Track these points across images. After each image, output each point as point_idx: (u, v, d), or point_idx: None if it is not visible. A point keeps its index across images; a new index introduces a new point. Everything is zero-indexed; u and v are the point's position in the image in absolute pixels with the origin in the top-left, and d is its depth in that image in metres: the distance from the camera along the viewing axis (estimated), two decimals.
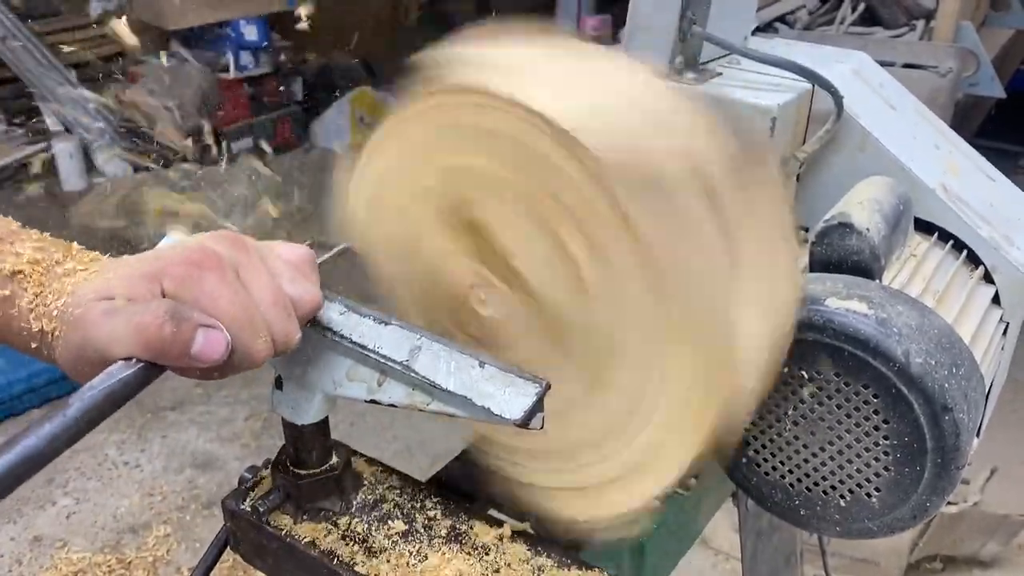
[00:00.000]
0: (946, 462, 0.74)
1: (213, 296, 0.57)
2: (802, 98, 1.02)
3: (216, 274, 0.58)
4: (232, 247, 0.61)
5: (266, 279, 0.61)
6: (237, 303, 0.58)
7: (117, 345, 0.55)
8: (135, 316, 0.55)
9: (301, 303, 0.63)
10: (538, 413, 0.61)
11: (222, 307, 0.57)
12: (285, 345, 0.61)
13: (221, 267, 0.58)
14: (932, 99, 2.49)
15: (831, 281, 0.80)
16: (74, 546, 2.67)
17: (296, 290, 0.63)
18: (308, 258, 0.67)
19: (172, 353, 0.55)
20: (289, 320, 0.61)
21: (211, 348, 0.56)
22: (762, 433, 0.83)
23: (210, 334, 0.56)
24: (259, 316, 0.59)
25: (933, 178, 1.02)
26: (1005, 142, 5.00)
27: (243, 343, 0.58)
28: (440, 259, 0.74)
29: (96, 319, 0.56)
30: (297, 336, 0.62)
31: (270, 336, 0.60)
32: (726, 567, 2.63)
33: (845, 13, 3.09)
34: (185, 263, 0.58)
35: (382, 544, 0.75)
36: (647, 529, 0.94)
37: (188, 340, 0.55)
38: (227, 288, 0.58)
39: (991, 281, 1.00)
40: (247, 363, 0.59)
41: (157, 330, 0.54)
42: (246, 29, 5.28)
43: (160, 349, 0.55)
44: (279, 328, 0.60)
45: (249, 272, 0.60)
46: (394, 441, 3.12)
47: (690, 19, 0.99)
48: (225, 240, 0.62)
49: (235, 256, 0.60)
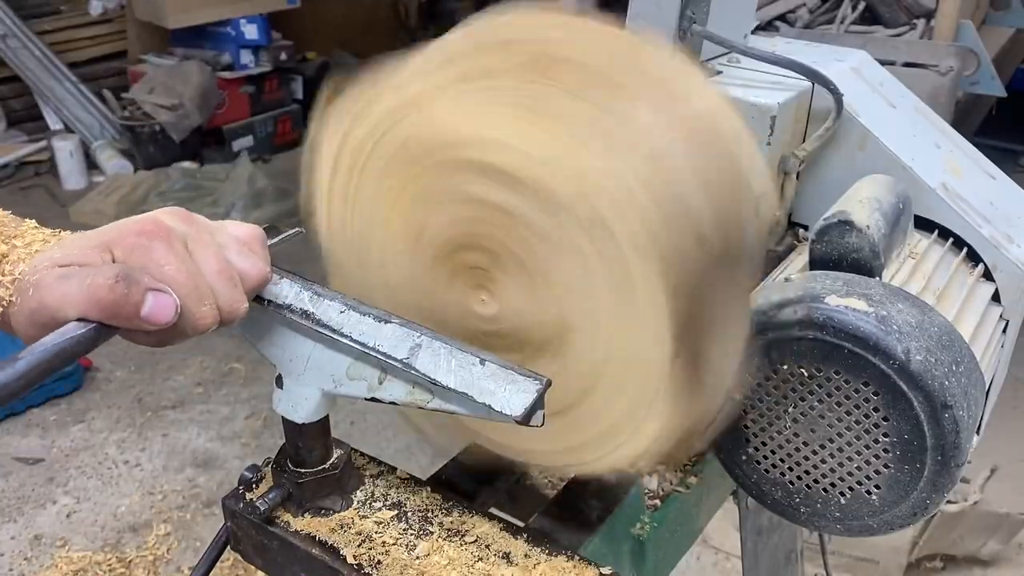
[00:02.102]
0: (946, 459, 0.74)
1: (160, 263, 0.60)
2: (802, 96, 1.02)
3: (164, 243, 0.61)
4: (182, 221, 0.65)
5: (213, 250, 0.64)
6: (183, 271, 0.61)
7: (70, 307, 0.58)
8: (88, 278, 0.58)
9: (248, 276, 0.66)
10: (538, 410, 0.62)
11: (169, 273, 0.60)
12: (231, 314, 0.64)
13: (169, 237, 0.62)
14: (932, 98, 2.49)
15: (831, 279, 0.80)
16: (74, 545, 2.67)
17: (243, 263, 0.66)
18: (257, 235, 0.70)
19: (123, 313, 0.58)
20: (235, 290, 0.64)
21: (160, 310, 0.59)
22: (762, 431, 0.83)
23: (159, 297, 0.59)
24: (205, 284, 0.62)
25: (933, 176, 1.02)
26: (1005, 141, 5.00)
27: (189, 309, 0.61)
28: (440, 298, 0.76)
29: (51, 283, 0.58)
30: (243, 306, 0.65)
31: (215, 304, 0.63)
32: (727, 565, 2.63)
33: (845, 12, 3.08)
34: (135, 233, 0.61)
35: (382, 542, 0.75)
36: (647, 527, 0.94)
37: (139, 302, 0.58)
38: (174, 256, 0.61)
39: (991, 279, 1.00)
40: (192, 328, 0.62)
41: (109, 291, 0.57)
42: (246, 28, 5.27)
43: (112, 310, 0.57)
44: (225, 297, 0.63)
45: (197, 244, 0.64)
46: (394, 439, 3.12)
47: (690, 17, 0.99)
48: (176, 214, 0.65)
49: (184, 228, 0.64)
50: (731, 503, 1.21)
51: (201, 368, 3.53)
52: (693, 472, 1.00)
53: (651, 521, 0.94)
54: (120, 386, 3.41)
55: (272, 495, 0.77)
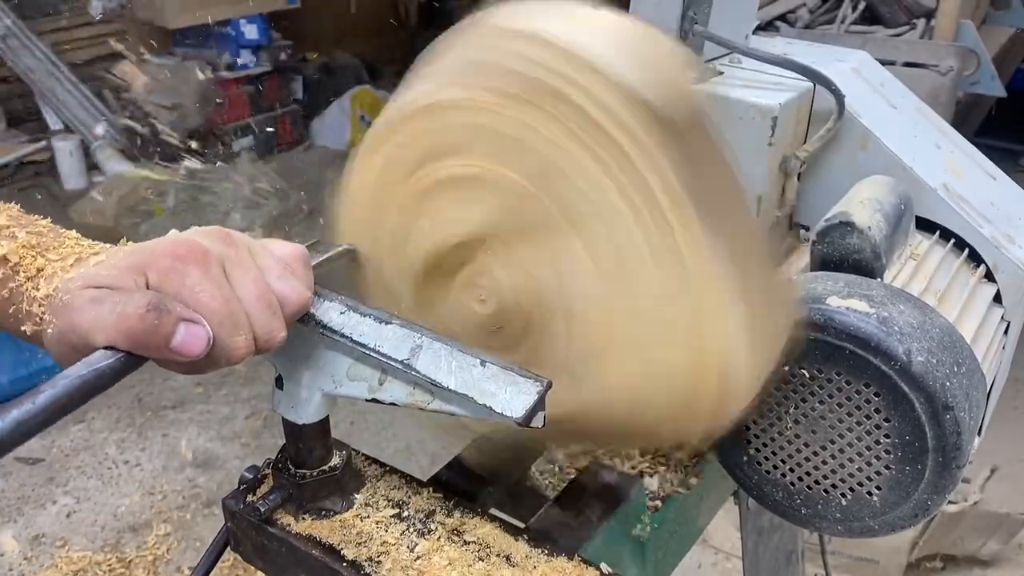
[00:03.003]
0: (947, 461, 0.74)
1: (195, 290, 0.57)
2: (803, 97, 1.02)
3: (200, 268, 0.58)
4: (220, 241, 0.61)
5: (253, 275, 0.61)
6: (219, 298, 0.58)
7: (100, 333, 0.55)
8: (118, 306, 0.55)
9: (288, 301, 0.62)
10: (539, 412, 0.61)
11: (203, 301, 0.57)
12: (268, 343, 0.61)
13: (206, 261, 0.58)
14: (933, 98, 2.49)
15: (832, 280, 0.80)
16: (75, 545, 2.67)
17: (284, 287, 0.62)
18: (300, 256, 0.66)
19: (152, 345, 0.55)
20: (274, 317, 0.61)
21: (192, 342, 0.56)
22: (763, 432, 0.83)
23: (191, 328, 0.56)
24: (241, 312, 0.59)
25: (934, 177, 1.02)
26: (1006, 140, 5.00)
27: (223, 339, 0.58)
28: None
29: (81, 306, 0.56)
30: (282, 335, 0.62)
31: (252, 333, 0.59)
32: (727, 565, 2.63)
33: (846, 12, 3.08)
34: (170, 256, 0.58)
35: (383, 543, 0.75)
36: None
37: (169, 333, 0.55)
38: (210, 282, 0.58)
39: (992, 280, 1.00)
40: (226, 359, 0.59)
41: (138, 321, 0.54)
42: (246, 28, 5.27)
43: (141, 340, 0.55)
44: (262, 325, 0.60)
45: (236, 267, 0.60)
46: (394, 440, 3.12)
47: (691, 18, 0.99)
48: (214, 235, 0.62)
49: (222, 250, 0.60)
50: (732, 504, 1.21)
51: None
52: (694, 472, 1.00)
53: (652, 522, 0.94)
54: (120, 386, 3.36)
55: (272, 496, 0.76)
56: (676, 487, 0.99)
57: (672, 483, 0.99)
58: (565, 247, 0.67)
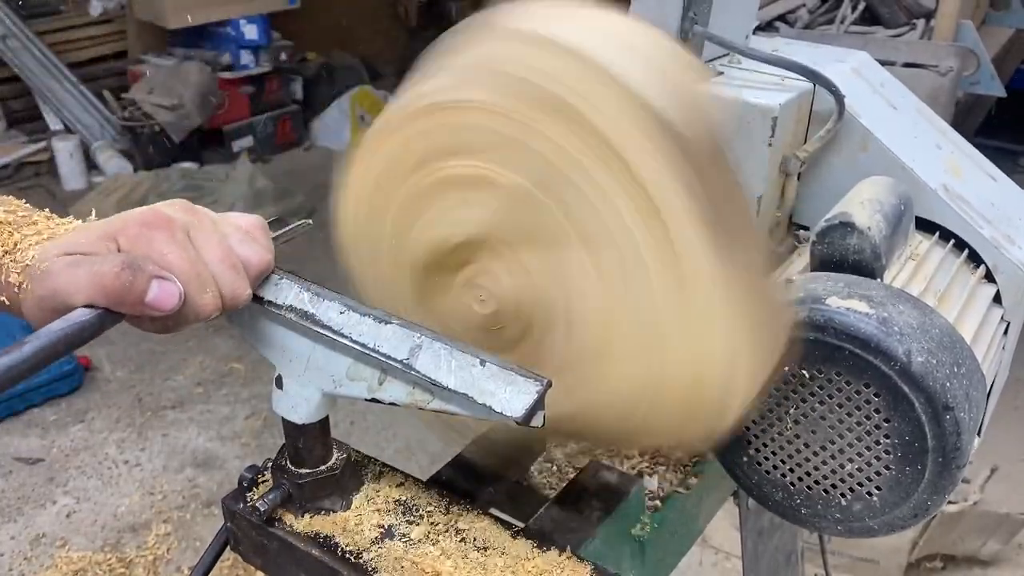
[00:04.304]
0: (947, 461, 0.74)
1: (163, 252, 0.62)
2: (803, 97, 1.02)
3: (166, 233, 0.63)
4: (184, 211, 0.66)
5: (216, 238, 0.66)
6: (185, 259, 0.63)
7: (78, 293, 0.60)
8: (95, 266, 0.60)
9: (250, 263, 0.67)
10: (539, 411, 0.61)
11: (171, 261, 0.62)
12: (234, 300, 0.66)
13: (171, 227, 0.63)
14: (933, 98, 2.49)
15: (832, 280, 0.80)
16: (74, 545, 2.67)
17: (246, 250, 0.67)
18: (259, 224, 0.71)
19: (129, 300, 0.60)
20: (238, 277, 0.66)
21: (165, 297, 0.61)
22: (763, 432, 0.83)
23: (163, 284, 0.61)
24: (207, 272, 0.64)
25: (934, 177, 1.02)
26: (1006, 141, 5.00)
27: (192, 295, 0.63)
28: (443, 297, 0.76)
29: (59, 271, 0.61)
30: (247, 292, 0.67)
31: (218, 291, 0.64)
32: (727, 565, 2.63)
33: (845, 12, 3.08)
34: (138, 223, 0.63)
35: (382, 543, 0.75)
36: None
37: (143, 289, 0.60)
38: (176, 245, 0.63)
39: (992, 280, 1.00)
40: (195, 315, 0.64)
41: (114, 279, 0.59)
42: (246, 28, 5.27)
43: (118, 296, 0.59)
44: (227, 284, 0.65)
45: (199, 232, 0.65)
46: (394, 440, 3.12)
47: (691, 18, 0.99)
48: (177, 205, 0.67)
49: (186, 218, 0.65)
50: (732, 504, 1.21)
51: (201, 368, 3.53)
52: (694, 472, 1.00)
53: (651, 522, 0.94)
54: (120, 386, 3.41)
55: (272, 496, 0.77)
56: (676, 487, 0.99)
57: (672, 483, 0.99)
58: (568, 255, 0.68)
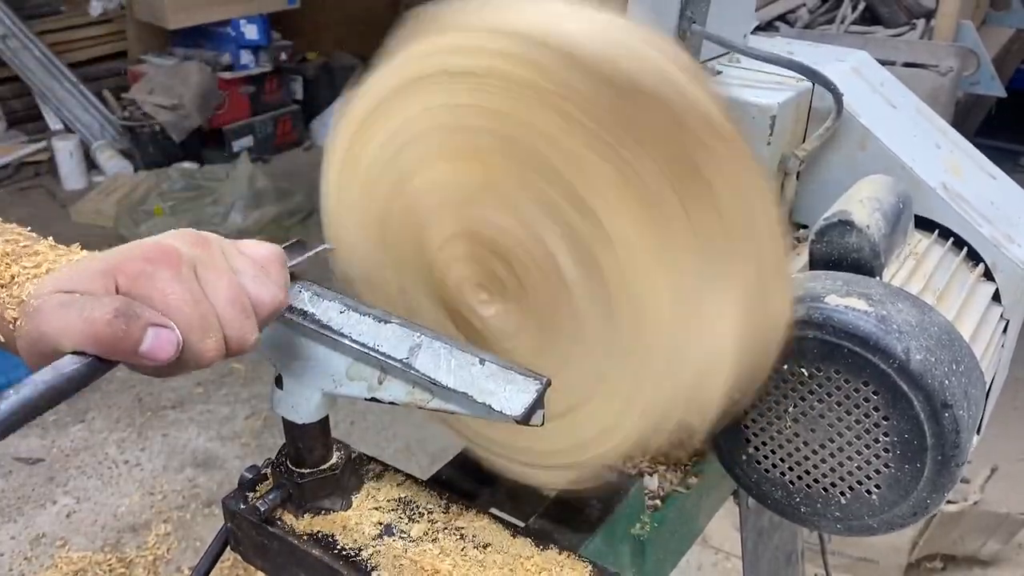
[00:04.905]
0: (946, 459, 0.74)
1: (165, 293, 0.56)
2: (802, 96, 1.02)
3: (171, 271, 0.57)
4: (193, 244, 0.60)
5: (226, 277, 0.60)
6: (189, 300, 0.57)
7: (67, 339, 0.55)
8: (85, 310, 0.54)
9: (261, 303, 0.61)
10: (538, 410, 0.62)
11: (173, 304, 0.56)
12: (239, 346, 0.60)
13: (176, 264, 0.57)
14: (932, 98, 2.49)
15: (831, 278, 0.80)
16: (74, 545, 2.67)
17: (258, 289, 0.61)
18: (276, 256, 0.65)
19: (120, 349, 0.55)
20: (246, 320, 0.60)
21: (160, 347, 0.55)
22: (762, 431, 0.83)
23: (160, 333, 0.55)
24: (212, 314, 0.58)
25: (933, 176, 1.02)
26: (1005, 141, 5.00)
27: (193, 343, 0.57)
28: (441, 264, 0.75)
29: (50, 311, 0.55)
30: (254, 337, 0.61)
31: (222, 336, 0.59)
32: (727, 565, 2.63)
33: (845, 12, 3.08)
34: (141, 259, 0.57)
35: (382, 543, 0.75)
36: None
37: (137, 339, 0.54)
38: (180, 285, 0.57)
39: (991, 279, 1.00)
40: (196, 362, 0.58)
41: (106, 326, 0.54)
42: (246, 28, 5.27)
43: (109, 345, 0.54)
44: (234, 328, 0.59)
45: (208, 269, 0.59)
46: (394, 440, 3.12)
47: (689, 18, 0.99)
48: (186, 237, 0.61)
49: (194, 253, 0.59)
50: (732, 504, 1.21)
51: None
52: (693, 472, 1.00)
53: (651, 521, 0.94)
54: (120, 386, 3.41)
55: (272, 496, 0.77)
56: (676, 487, 0.99)
57: (672, 483, 0.99)
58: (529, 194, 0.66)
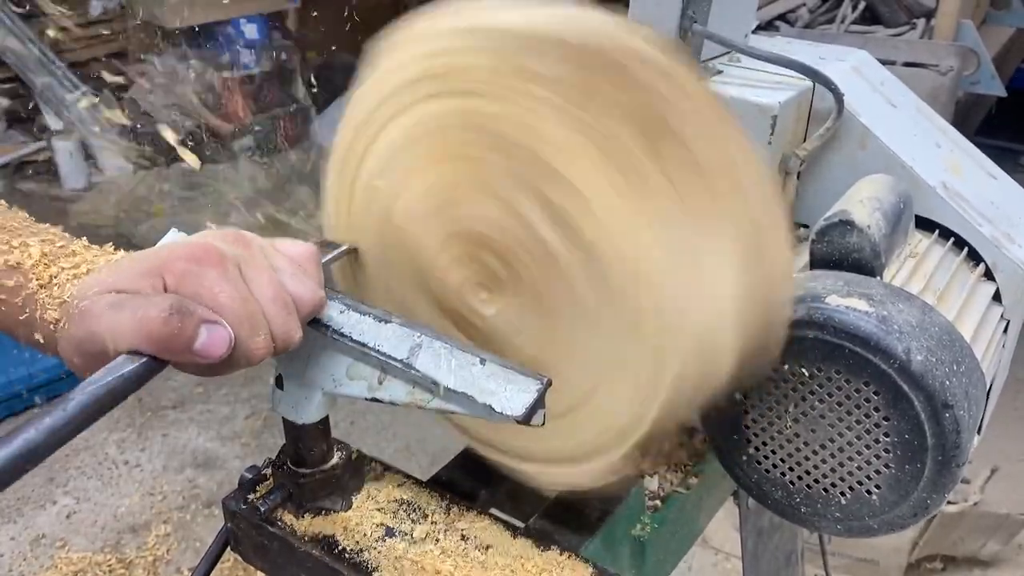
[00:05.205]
0: (947, 459, 0.74)
1: (214, 291, 0.57)
2: (803, 96, 1.02)
3: (217, 270, 0.57)
4: (235, 243, 0.61)
5: (268, 275, 0.60)
6: (237, 299, 0.57)
7: (121, 339, 0.55)
8: (139, 310, 0.54)
9: (303, 301, 0.62)
10: (539, 409, 0.61)
11: (222, 302, 0.57)
12: (285, 343, 0.61)
13: (223, 263, 0.58)
14: (933, 97, 2.49)
15: (832, 278, 0.80)
16: (74, 545, 2.67)
17: (298, 287, 0.62)
18: (312, 255, 0.66)
19: (175, 347, 0.55)
20: (290, 318, 0.61)
21: (214, 344, 0.56)
22: (763, 431, 0.83)
23: (213, 330, 0.56)
24: (260, 312, 0.59)
25: (934, 176, 1.02)
26: (1006, 140, 5.01)
27: (243, 339, 0.57)
28: (438, 266, 0.74)
29: (100, 312, 0.55)
30: (298, 335, 0.62)
31: (270, 333, 0.59)
32: (727, 566, 2.63)
33: (846, 11, 3.09)
34: (187, 259, 0.58)
35: (383, 543, 0.75)
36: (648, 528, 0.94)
37: (192, 335, 0.55)
38: (228, 284, 0.57)
39: (992, 279, 1.00)
40: (247, 360, 0.59)
41: (162, 324, 0.54)
42: (246, 28, 5.27)
43: (164, 343, 0.54)
44: (279, 325, 0.60)
45: (251, 268, 0.60)
46: (394, 440, 3.12)
47: (691, 17, 0.99)
48: (228, 236, 0.62)
49: (237, 252, 0.60)
50: (732, 504, 1.21)
51: None
52: (693, 472, 1.00)
53: (651, 522, 0.94)
54: None
55: (272, 496, 0.77)
56: (676, 487, 0.99)
57: (672, 483, 0.99)
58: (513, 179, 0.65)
